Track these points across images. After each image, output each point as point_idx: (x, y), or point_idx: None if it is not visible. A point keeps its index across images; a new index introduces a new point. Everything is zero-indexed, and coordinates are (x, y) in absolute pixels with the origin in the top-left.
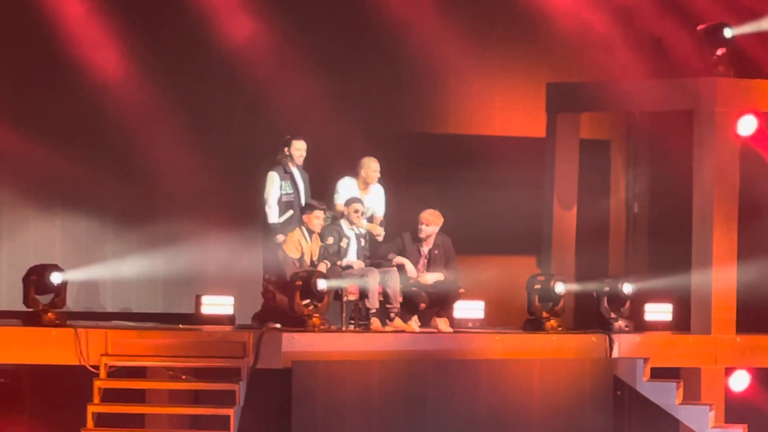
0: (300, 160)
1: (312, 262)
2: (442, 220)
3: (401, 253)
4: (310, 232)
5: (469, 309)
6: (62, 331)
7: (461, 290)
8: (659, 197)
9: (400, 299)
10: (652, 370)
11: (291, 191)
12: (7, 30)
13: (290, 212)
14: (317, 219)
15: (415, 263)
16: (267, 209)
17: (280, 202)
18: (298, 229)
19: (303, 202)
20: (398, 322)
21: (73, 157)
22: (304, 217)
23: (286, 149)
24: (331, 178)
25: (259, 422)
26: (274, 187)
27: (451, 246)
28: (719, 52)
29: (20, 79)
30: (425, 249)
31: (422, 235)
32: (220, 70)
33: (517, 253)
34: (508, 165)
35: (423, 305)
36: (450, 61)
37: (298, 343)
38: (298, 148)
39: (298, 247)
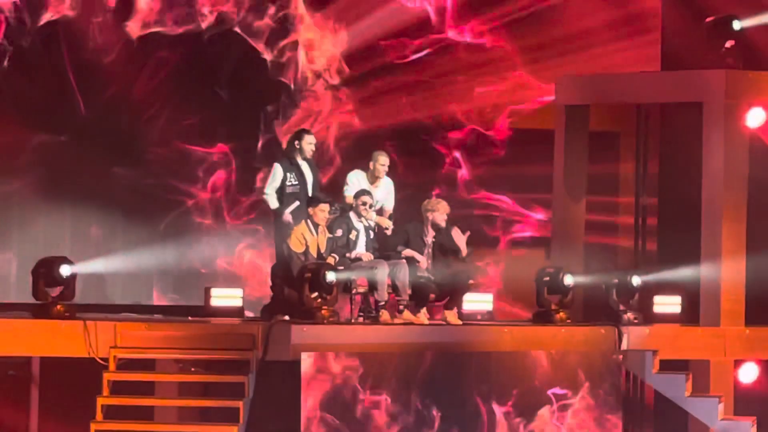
0: (309, 154)
1: (319, 254)
2: None
3: (407, 244)
4: (316, 225)
5: (477, 301)
6: (71, 324)
7: (471, 282)
8: (668, 189)
9: (409, 291)
10: (661, 362)
11: (296, 182)
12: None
13: (296, 203)
14: (322, 212)
15: (420, 252)
16: (265, 197)
17: (284, 193)
18: (303, 222)
19: (310, 194)
20: (407, 314)
21: (82, 149)
22: (310, 210)
23: (296, 142)
24: (342, 170)
25: (269, 414)
26: (275, 178)
27: (451, 234)
28: (728, 44)
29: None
30: (429, 239)
31: (443, 224)
32: (227, 63)
33: (526, 245)
34: (517, 157)
35: (433, 296)
36: (459, 53)
37: (307, 335)
38: (310, 142)
39: (302, 240)
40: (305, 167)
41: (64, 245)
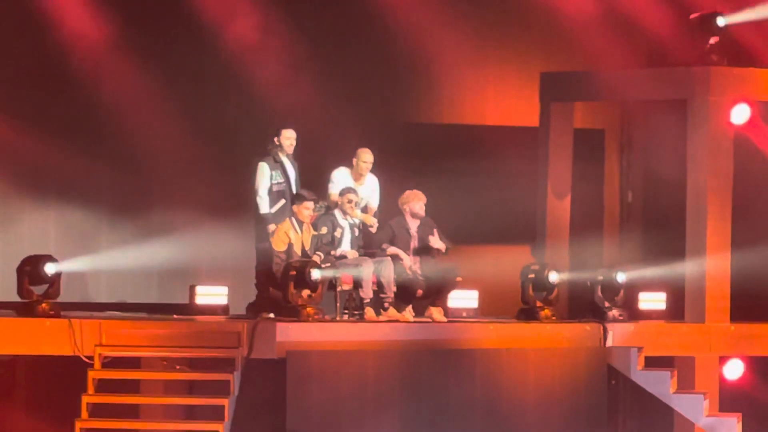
0: (290, 149)
1: (304, 252)
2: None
3: (392, 240)
4: (300, 222)
5: (463, 298)
6: (56, 322)
7: (458, 279)
8: (653, 186)
9: (394, 289)
10: (646, 359)
11: (282, 180)
12: (2, 23)
13: (282, 201)
14: (307, 210)
15: (407, 245)
16: (258, 200)
17: (270, 192)
18: (287, 220)
19: (294, 191)
20: (392, 311)
21: (67, 147)
22: (294, 208)
23: (275, 139)
24: (326, 167)
25: (254, 412)
26: (264, 177)
27: (434, 224)
28: (712, 40)
29: (15, 71)
30: (414, 230)
31: (422, 212)
32: (214, 61)
33: (511, 242)
34: (501, 155)
35: (420, 291)
36: (443, 50)
37: (292, 333)
38: (288, 137)
39: (285, 239)
40: (287, 164)
41: (49, 243)
